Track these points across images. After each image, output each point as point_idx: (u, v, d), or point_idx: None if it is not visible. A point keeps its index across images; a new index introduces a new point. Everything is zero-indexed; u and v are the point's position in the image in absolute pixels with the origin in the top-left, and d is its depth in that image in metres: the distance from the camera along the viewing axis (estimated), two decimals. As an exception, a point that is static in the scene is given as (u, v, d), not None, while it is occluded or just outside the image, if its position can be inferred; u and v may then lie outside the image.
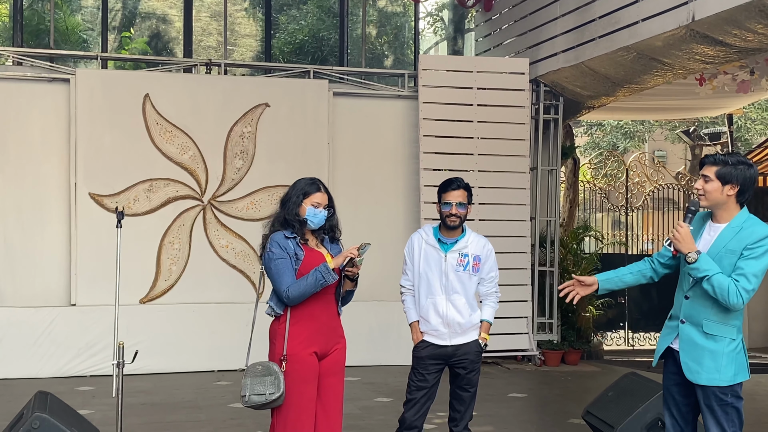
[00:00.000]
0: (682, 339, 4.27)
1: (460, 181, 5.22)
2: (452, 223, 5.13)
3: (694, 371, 4.21)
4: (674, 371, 4.35)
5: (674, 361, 4.34)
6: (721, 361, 4.18)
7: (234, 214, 10.45)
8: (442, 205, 5.16)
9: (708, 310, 4.20)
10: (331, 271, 4.49)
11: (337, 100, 10.92)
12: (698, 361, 4.20)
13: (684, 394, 4.36)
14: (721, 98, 12.38)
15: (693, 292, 4.25)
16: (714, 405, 4.21)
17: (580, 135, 24.29)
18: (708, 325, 4.20)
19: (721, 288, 4.09)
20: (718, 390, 4.19)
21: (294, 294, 4.47)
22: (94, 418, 6.78)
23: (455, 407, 5.23)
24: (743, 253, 4.14)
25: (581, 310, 11.79)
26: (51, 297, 9.94)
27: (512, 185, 10.90)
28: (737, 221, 4.24)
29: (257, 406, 4.47)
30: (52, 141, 10.07)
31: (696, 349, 4.22)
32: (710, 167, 4.25)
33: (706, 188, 4.25)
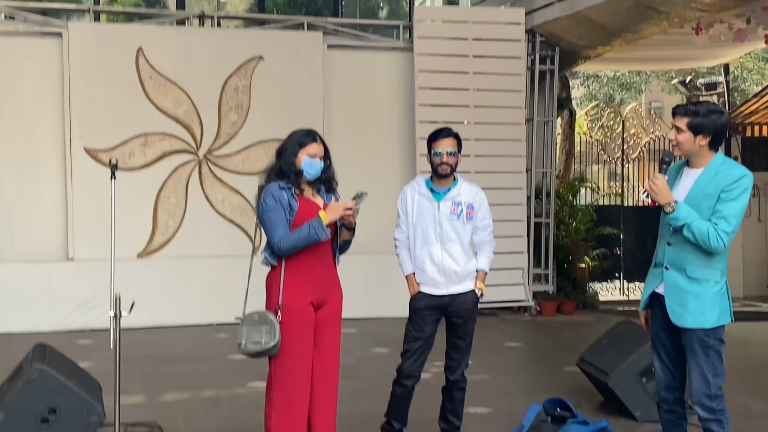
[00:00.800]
0: (667, 284, 4.32)
1: (449, 130, 5.22)
2: (443, 172, 5.13)
3: (679, 314, 4.26)
4: (660, 316, 4.41)
5: (660, 306, 4.40)
6: (706, 303, 4.23)
7: (230, 168, 10.44)
8: (432, 155, 5.16)
9: (691, 255, 4.25)
10: (324, 227, 4.49)
11: (332, 53, 10.86)
12: (683, 304, 4.25)
13: (671, 337, 4.41)
14: (717, 48, 12.30)
15: (675, 238, 4.29)
16: (696, 347, 4.27)
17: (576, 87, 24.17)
18: (692, 269, 4.25)
19: (702, 234, 4.14)
20: (701, 332, 4.24)
21: (285, 246, 4.48)
22: (93, 370, 6.83)
23: (451, 356, 5.28)
24: (720, 196, 4.18)
25: (577, 261, 11.85)
26: (48, 252, 9.97)
27: (508, 137, 10.89)
28: (713, 165, 4.27)
29: (253, 354, 4.51)
30: (45, 96, 10.02)
31: (681, 293, 4.26)
32: (681, 118, 4.27)
33: (678, 139, 4.28)
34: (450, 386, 5.28)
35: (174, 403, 6.63)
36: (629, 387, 6.08)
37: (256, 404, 6.26)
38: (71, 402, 5.06)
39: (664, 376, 4.48)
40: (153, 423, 5.95)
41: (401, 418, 5.26)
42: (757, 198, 14.11)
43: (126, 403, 6.10)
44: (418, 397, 5.36)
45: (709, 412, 4.28)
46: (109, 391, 5.12)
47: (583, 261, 11.96)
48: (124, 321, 5.10)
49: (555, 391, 6.84)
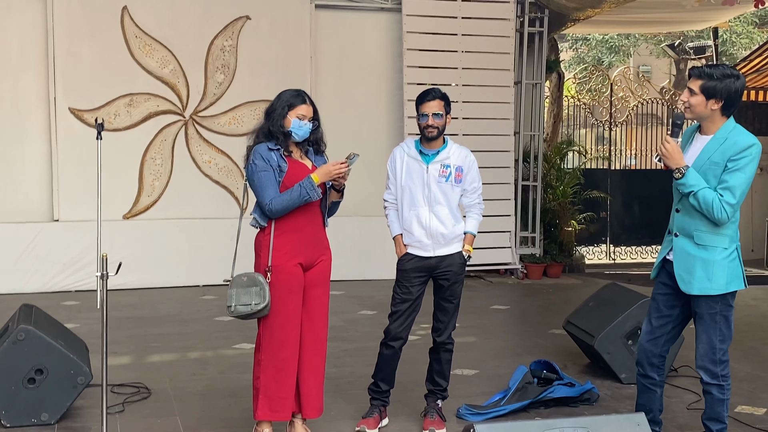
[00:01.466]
0: (676, 251, 4.31)
1: (436, 91, 5.17)
2: (430, 134, 5.10)
3: (687, 281, 4.26)
4: (664, 282, 4.42)
5: (667, 272, 4.40)
6: (713, 269, 4.21)
7: (216, 129, 10.37)
8: (419, 117, 5.13)
9: (698, 221, 4.22)
10: (315, 187, 4.48)
11: (320, 13, 10.74)
12: (690, 271, 4.24)
13: (669, 305, 4.42)
14: (707, 11, 12.25)
15: (682, 204, 4.27)
16: (704, 313, 4.27)
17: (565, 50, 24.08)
18: (699, 236, 4.23)
19: (706, 203, 4.12)
20: (709, 299, 4.24)
21: (277, 207, 4.47)
22: (79, 331, 6.83)
23: (438, 318, 5.29)
24: (727, 165, 4.13)
25: (563, 224, 11.88)
26: (33, 213, 9.90)
27: (496, 99, 10.86)
28: (722, 132, 4.21)
29: (243, 316, 4.51)
30: (29, 55, 9.89)
31: (688, 260, 4.25)
32: (696, 80, 4.20)
33: (690, 101, 4.22)
34: (437, 348, 5.30)
35: (161, 364, 6.64)
36: (615, 349, 6.12)
37: (242, 365, 6.29)
38: (58, 362, 5.06)
39: (646, 339, 4.50)
40: (140, 384, 5.95)
41: (388, 379, 5.28)
42: (744, 163, 14.12)
43: (113, 364, 6.11)
44: (406, 358, 5.38)
45: (712, 376, 4.32)
46: (96, 351, 5.11)
47: (569, 224, 11.98)
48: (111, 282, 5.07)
49: (541, 353, 6.89)
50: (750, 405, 5.72)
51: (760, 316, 9.04)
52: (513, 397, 5.59)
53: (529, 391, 5.64)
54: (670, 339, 4.49)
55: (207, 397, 5.78)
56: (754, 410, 5.62)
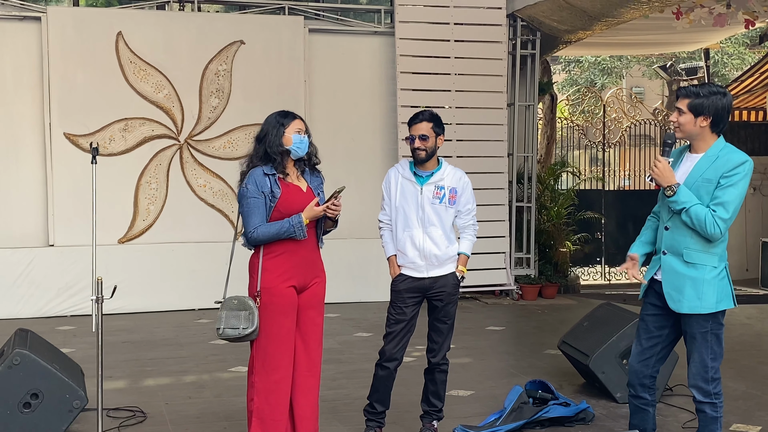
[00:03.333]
0: (665, 269, 4.31)
1: (425, 113, 5.24)
2: (418, 156, 5.16)
3: (676, 300, 4.26)
4: (653, 302, 4.41)
5: (655, 292, 4.39)
6: (702, 288, 4.22)
7: (211, 153, 10.41)
8: (408, 139, 5.19)
9: (688, 240, 4.23)
10: (303, 227, 4.49)
11: (313, 37, 10.82)
12: (679, 290, 4.24)
13: (658, 325, 4.41)
14: (698, 32, 12.35)
15: (672, 222, 4.28)
16: (695, 333, 4.27)
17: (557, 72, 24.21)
18: (688, 254, 4.24)
19: (699, 219, 4.14)
20: (699, 318, 4.24)
21: (260, 237, 4.48)
22: (75, 356, 6.82)
23: (433, 339, 5.30)
24: (720, 182, 4.16)
25: (558, 245, 11.91)
26: (28, 238, 9.91)
27: (489, 121, 10.92)
28: (713, 150, 4.25)
29: (231, 339, 4.52)
30: (24, 81, 9.93)
31: (678, 278, 4.25)
32: (683, 100, 4.26)
33: (679, 120, 4.26)
34: (432, 368, 5.31)
35: (156, 388, 6.63)
36: (609, 369, 6.13)
37: (238, 389, 6.28)
38: (53, 386, 5.05)
39: (637, 361, 4.47)
40: (135, 408, 5.95)
41: (384, 400, 5.29)
42: (737, 182, 14.18)
43: (108, 388, 6.10)
44: (401, 379, 5.39)
45: (704, 395, 4.31)
46: (92, 376, 5.11)
47: (564, 245, 12.01)
48: (106, 306, 5.09)
49: (536, 373, 6.89)
50: (745, 423, 5.73)
51: (755, 335, 9.05)
52: (509, 418, 5.60)
53: (525, 411, 5.65)
54: (660, 359, 4.49)
55: (203, 420, 5.77)
56: (748, 428, 5.63)
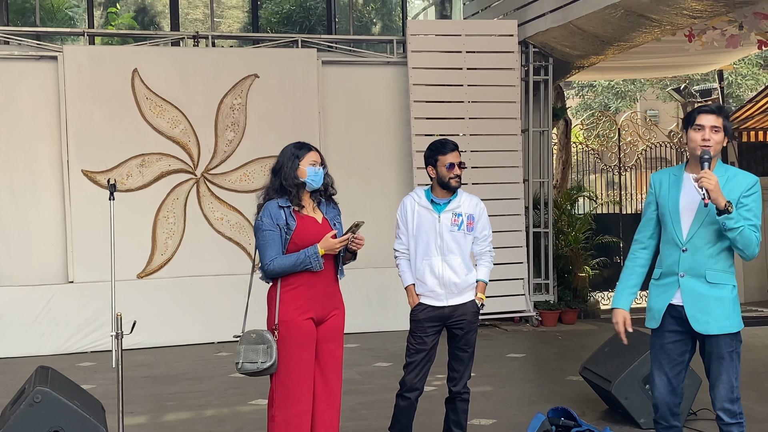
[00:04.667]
0: (686, 292, 4.21)
1: (453, 142, 5.26)
2: (456, 184, 5.17)
3: (703, 322, 4.18)
4: (672, 329, 4.29)
5: (672, 318, 4.28)
6: (728, 307, 4.18)
7: (227, 186, 10.46)
8: (445, 167, 5.14)
9: (710, 260, 4.18)
10: (319, 258, 4.49)
11: (327, 69, 10.89)
12: (706, 311, 4.17)
13: (679, 351, 4.32)
14: (710, 54, 12.34)
15: (691, 244, 4.20)
16: (725, 353, 4.20)
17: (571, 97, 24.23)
18: (712, 275, 4.18)
19: (750, 240, 4.10)
20: (728, 338, 4.19)
21: (276, 269, 4.49)
22: (95, 392, 6.83)
23: (454, 368, 5.28)
24: (742, 201, 4.14)
25: (577, 270, 11.85)
26: (48, 275, 9.97)
27: (504, 148, 10.92)
28: (721, 171, 4.23)
29: (250, 373, 4.52)
30: (42, 119, 10.04)
31: (702, 300, 4.18)
32: (718, 118, 4.23)
33: (715, 138, 4.20)
34: (453, 398, 5.28)
35: (177, 423, 6.62)
36: (632, 394, 6.07)
37: (258, 422, 6.26)
38: (75, 423, 5.04)
39: (667, 394, 4.35)
40: (157, 443, 5.93)
41: (405, 431, 5.25)
42: (756, 203, 14.10)
43: (129, 423, 6.09)
44: (422, 409, 5.36)
45: (732, 416, 4.23)
46: (113, 412, 5.11)
47: (583, 270, 11.95)
48: (126, 341, 5.10)
49: (559, 400, 6.84)
50: (771, 447, 5.65)
51: (779, 356, 8.96)
52: (531, 446, 5.55)
53: (548, 439, 5.60)
54: (682, 382, 4.44)
55: (224, 454, 5.75)
56: (775, 452, 5.55)
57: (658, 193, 4.38)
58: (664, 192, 4.34)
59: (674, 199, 4.29)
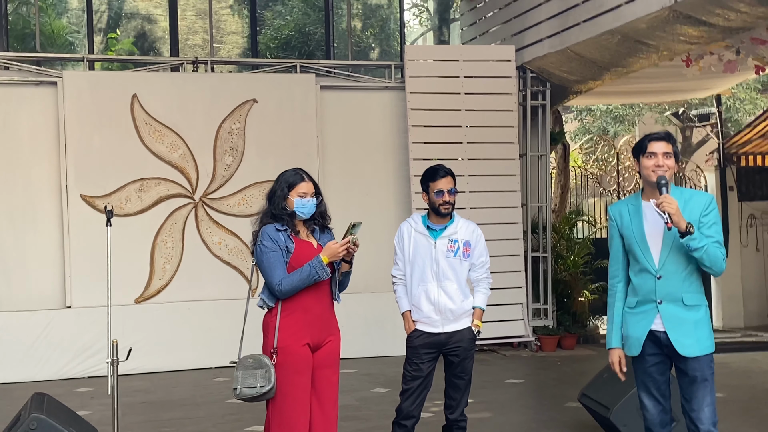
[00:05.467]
0: (666, 318, 4.27)
1: (445, 168, 5.26)
2: (446, 210, 5.16)
3: (687, 345, 4.23)
4: (652, 353, 4.35)
5: (651, 343, 4.33)
6: (706, 328, 4.28)
7: (226, 211, 10.46)
8: (434, 194, 5.16)
9: (684, 283, 4.26)
10: (324, 266, 4.51)
11: (325, 94, 10.93)
12: (688, 334, 4.24)
13: (661, 372, 4.40)
14: (708, 79, 12.38)
15: (664, 270, 4.27)
16: (707, 374, 4.25)
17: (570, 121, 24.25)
18: (688, 297, 4.26)
19: (716, 257, 4.18)
20: (708, 358, 4.26)
21: (286, 288, 4.49)
22: (92, 418, 6.80)
23: (450, 395, 5.26)
24: (702, 221, 4.23)
25: (576, 294, 11.82)
26: (46, 300, 9.94)
27: (502, 172, 10.94)
28: (676, 194, 4.29)
29: (248, 398, 4.50)
30: (41, 144, 10.06)
31: (683, 324, 4.25)
32: (668, 144, 4.33)
33: (668, 164, 4.29)
34: (450, 425, 5.25)
35: (174, 450, 6.58)
36: (631, 421, 6.03)
37: (256, 448, 6.22)
38: (69, 451, 5.02)
39: (658, 414, 4.43)
40: (152, 470, 5.89)
41: (402, 458, 5.22)
42: (755, 228, 14.13)
43: (125, 450, 6.06)
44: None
45: None
46: (108, 438, 5.08)
47: (582, 295, 11.93)
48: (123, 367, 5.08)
49: (557, 427, 6.80)
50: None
51: (779, 381, 8.92)
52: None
53: (546, 466, 5.56)
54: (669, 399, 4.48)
55: (220, 481, 5.71)
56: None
57: (620, 224, 4.45)
58: (627, 223, 4.40)
59: (639, 229, 4.35)
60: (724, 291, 13.99)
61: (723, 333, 13.27)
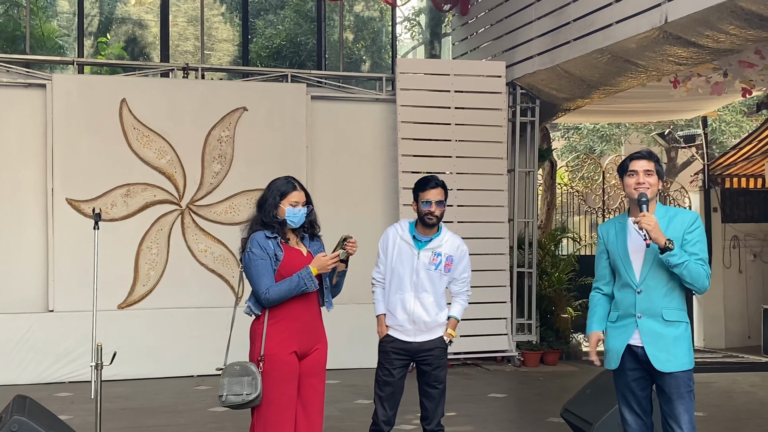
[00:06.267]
0: (644, 332, 4.33)
1: (437, 179, 5.27)
2: (430, 221, 5.18)
3: (664, 360, 4.28)
4: (632, 367, 4.41)
5: (631, 357, 4.39)
6: (684, 345, 4.32)
7: (212, 218, 10.44)
8: (421, 204, 5.18)
9: (664, 299, 4.32)
10: (313, 277, 4.52)
11: (315, 104, 10.94)
12: (666, 350, 4.29)
13: (642, 387, 4.44)
14: (695, 101, 12.48)
15: (645, 285, 4.34)
16: (683, 391, 4.30)
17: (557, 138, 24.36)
18: (668, 313, 4.32)
19: (698, 273, 4.24)
20: (685, 374, 4.29)
21: (273, 296, 4.49)
22: (73, 423, 6.75)
23: (425, 405, 5.29)
24: (686, 238, 4.29)
25: (559, 311, 11.86)
26: (28, 303, 9.88)
27: (490, 187, 10.97)
28: (661, 212, 4.39)
29: (234, 406, 4.49)
30: (28, 146, 10.02)
31: (661, 339, 4.30)
32: (648, 162, 4.41)
33: (650, 181, 4.38)
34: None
35: (154, 456, 6.54)
36: (613, 437, 6.04)
37: (237, 456, 6.19)
38: (50, 455, 4.98)
39: (640, 429, 4.47)
40: (133, 476, 5.86)
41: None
42: (737, 249, 14.23)
43: (106, 456, 6.01)
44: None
45: None
46: (89, 443, 5.05)
47: (565, 311, 11.96)
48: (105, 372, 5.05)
49: (539, 442, 6.80)
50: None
51: (758, 403, 8.96)
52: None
53: (528, 480, 5.56)
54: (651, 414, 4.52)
55: (201, 489, 5.68)
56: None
57: (606, 242, 4.56)
58: (612, 239, 4.51)
59: (623, 245, 4.45)
60: (706, 311, 14.07)
61: (704, 353, 13.34)
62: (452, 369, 10.50)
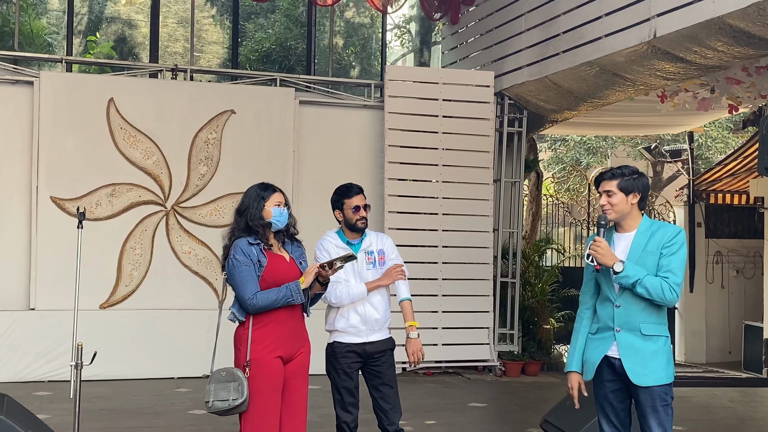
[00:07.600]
0: (622, 346, 4.35)
1: (358, 185, 5.54)
2: (362, 225, 5.39)
3: (641, 374, 4.30)
4: (610, 379, 4.43)
5: (609, 369, 4.42)
6: (662, 359, 4.32)
7: (197, 221, 10.41)
8: (351, 210, 5.37)
9: (642, 314, 4.34)
10: (301, 292, 4.53)
11: (303, 108, 10.94)
12: (643, 364, 4.30)
13: (620, 399, 4.45)
14: (682, 116, 12.56)
15: (623, 299, 4.37)
16: (658, 405, 4.31)
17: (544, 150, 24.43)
18: (646, 327, 4.33)
19: (655, 288, 4.25)
20: (661, 389, 4.30)
21: (260, 303, 4.49)
22: (51, 422, 6.71)
23: (383, 408, 5.32)
24: (662, 252, 4.32)
25: (542, 321, 11.88)
26: (9, 301, 9.82)
27: (476, 196, 10.99)
28: (644, 226, 4.42)
29: (221, 411, 4.48)
30: (14, 144, 9.97)
31: (638, 353, 4.32)
32: (610, 182, 4.43)
33: (612, 202, 4.40)
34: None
35: (132, 458, 6.50)
36: (592, 449, 6.06)
37: (216, 460, 6.17)
38: (27, 454, 4.95)
39: None
40: (110, 477, 5.82)
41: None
42: (720, 265, 14.31)
43: (83, 456, 5.98)
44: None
45: None
46: (67, 443, 5.02)
47: (548, 322, 11.99)
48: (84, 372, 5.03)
49: (518, 452, 6.81)
50: None
51: (737, 418, 9.00)
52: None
53: (506, 490, 5.57)
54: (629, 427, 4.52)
55: (178, 492, 5.66)
56: None
57: None
58: None
59: None
60: (688, 326, 14.14)
61: (685, 367, 13.40)
62: (433, 377, 10.50)
